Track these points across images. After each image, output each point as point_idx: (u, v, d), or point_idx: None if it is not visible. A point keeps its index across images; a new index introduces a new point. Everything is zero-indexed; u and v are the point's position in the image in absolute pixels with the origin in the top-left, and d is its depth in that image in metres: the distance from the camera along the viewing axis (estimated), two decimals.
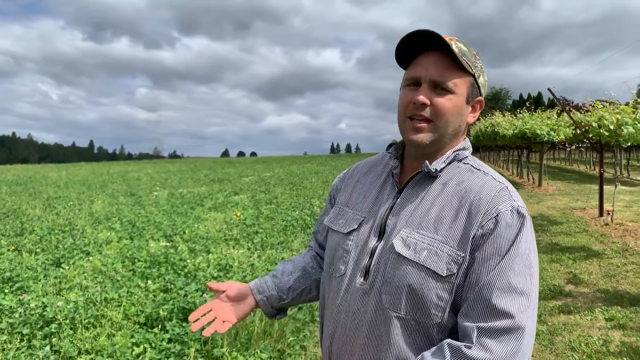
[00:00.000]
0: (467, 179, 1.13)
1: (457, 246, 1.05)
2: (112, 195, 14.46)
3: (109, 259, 5.74)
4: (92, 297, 4.19)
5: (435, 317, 1.05)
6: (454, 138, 1.16)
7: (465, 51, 1.11)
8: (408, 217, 1.12)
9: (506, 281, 1.00)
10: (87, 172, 33.83)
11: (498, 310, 0.98)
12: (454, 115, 1.11)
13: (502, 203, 1.06)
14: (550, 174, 19.55)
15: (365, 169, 1.34)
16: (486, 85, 1.19)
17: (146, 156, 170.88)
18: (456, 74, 1.10)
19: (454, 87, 1.09)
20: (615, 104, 8.89)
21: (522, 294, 1.00)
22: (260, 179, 21.19)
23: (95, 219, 9.28)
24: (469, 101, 1.14)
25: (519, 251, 1.02)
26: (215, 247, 6.38)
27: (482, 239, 1.04)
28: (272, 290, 1.36)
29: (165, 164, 50.43)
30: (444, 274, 1.04)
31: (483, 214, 1.05)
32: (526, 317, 0.99)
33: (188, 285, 4.36)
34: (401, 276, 1.07)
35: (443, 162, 1.14)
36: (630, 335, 3.93)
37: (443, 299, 1.05)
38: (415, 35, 1.09)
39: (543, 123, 15.37)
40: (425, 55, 1.11)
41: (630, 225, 8.31)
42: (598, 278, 5.48)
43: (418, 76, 1.10)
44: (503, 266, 1.01)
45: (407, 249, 1.07)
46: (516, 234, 1.03)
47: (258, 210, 10.00)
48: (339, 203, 1.32)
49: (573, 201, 11.94)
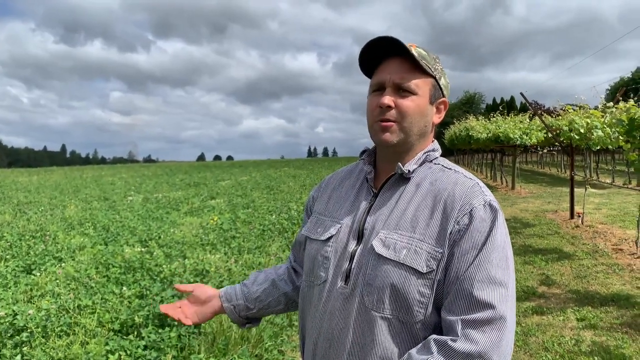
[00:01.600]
0: (440, 178, 1.16)
1: (435, 243, 1.08)
2: (86, 200, 14.19)
3: (83, 265, 5.63)
4: (65, 304, 4.10)
5: (418, 314, 1.07)
6: (421, 138, 1.20)
7: (425, 55, 1.16)
8: (385, 219, 1.14)
9: (485, 273, 1.03)
10: (59, 176, 33.11)
11: (479, 302, 1.01)
12: (418, 115, 1.15)
13: (475, 198, 1.10)
14: (523, 177, 19.94)
15: (340, 178, 1.36)
16: (448, 87, 1.24)
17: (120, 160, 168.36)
18: (417, 76, 1.14)
19: (416, 89, 1.14)
20: (585, 108, 9.13)
21: (501, 285, 1.03)
22: (237, 183, 21.06)
23: (68, 224, 9.09)
24: (433, 102, 1.19)
25: (495, 243, 1.06)
26: (191, 252, 6.31)
27: (458, 234, 1.07)
28: (239, 299, 1.39)
29: (140, 168, 49.74)
30: (424, 271, 1.06)
31: (458, 209, 1.09)
32: (506, 307, 1.02)
33: (164, 291, 4.31)
34: (382, 276, 1.09)
35: (415, 164, 1.18)
36: (600, 335, 4.03)
37: (425, 295, 1.07)
38: (376, 42, 1.14)
39: (516, 127, 15.67)
40: (388, 62, 1.16)
41: (600, 227, 8.53)
42: (570, 279, 5.61)
43: (382, 81, 1.15)
44: (481, 259, 1.04)
45: (386, 249, 1.10)
46: (490, 227, 1.07)
47: (235, 215, 9.93)
48: (316, 212, 1.33)
49: (545, 204, 12.19)
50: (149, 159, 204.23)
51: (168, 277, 4.95)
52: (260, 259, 5.82)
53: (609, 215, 9.88)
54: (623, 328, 4.14)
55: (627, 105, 6.73)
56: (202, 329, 3.66)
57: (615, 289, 5.16)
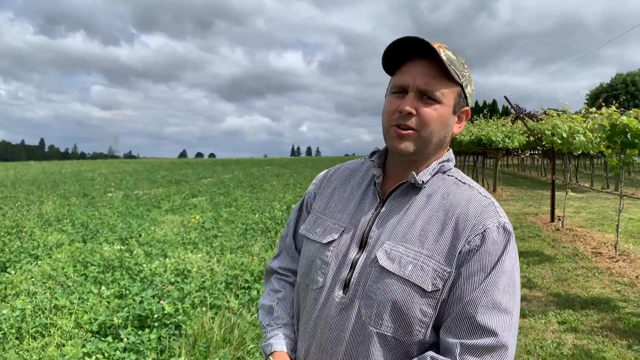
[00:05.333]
0: (453, 192, 1.10)
1: (444, 261, 1.02)
2: (64, 196, 13.92)
3: (60, 263, 5.50)
4: (41, 304, 3.99)
5: (418, 334, 1.03)
6: (438, 149, 1.13)
7: (454, 59, 1.07)
8: (392, 229, 1.08)
9: (491, 299, 0.99)
10: (37, 171, 32.50)
11: (482, 328, 0.97)
12: (440, 126, 1.08)
13: (489, 219, 1.05)
14: (504, 180, 20.14)
15: (344, 175, 1.28)
16: (473, 94, 1.16)
17: (100, 156, 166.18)
18: (444, 83, 1.06)
19: (441, 97, 1.06)
20: (567, 112, 9.24)
21: (505, 312, 0.99)
22: (219, 181, 20.89)
23: (45, 221, 8.89)
24: (456, 111, 1.11)
25: (504, 268, 1.01)
26: (172, 251, 6.21)
27: (468, 255, 1.02)
28: (296, 341, 1.22)
29: (121, 164, 49.12)
30: (429, 290, 1.01)
31: (470, 229, 1.03)
32: (509, 336, 0.98)
33: (144, 291, 4.22)
34: (384, 290, 1.03)
35: (429, 174, 1.11)
36: (581, 338, 4.05)
37: (427, 314, 1.02)
38: (404, 41, 1.05)
39: (498, 130, 15.83)
40: (413, 63, 1.07)
41: (580, 231, 8.64)
42: (551, 282, 5.66)
43: (405, 84, 1.07)
44: (488, 283, 1.00)
45: (391, 263, 1.04)
46: (502, 251, 1.02)
47: (217, 213, 9.83)
48: (316, 210, 1.25)
49: (526, 207, 12.32)
50: (129, 154, 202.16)
51: (148, 276, 4.85)
52: (243, 258, 5.75)
53: (588, 219, 10.03)
54: (603, 331, 4.18)
55: (609, 111, 6.82)
56: (183, 331, 3.59)
57: (595, 293, 5.22)
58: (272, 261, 1.38)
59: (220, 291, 4.41)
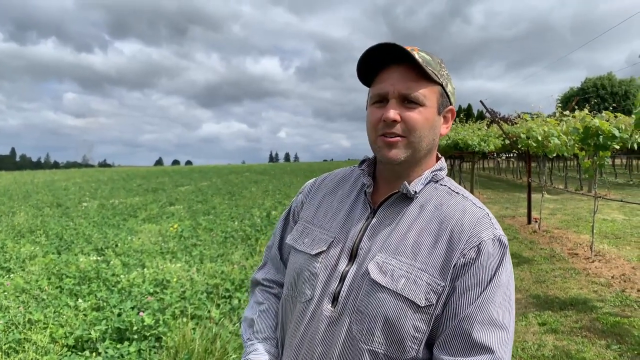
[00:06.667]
0: (447, 202, 1.07)
1: (438, 275, 0.99)
2: (37, 207, 13.58)
3: (33, 276, 5.34)
4: (14, 319, 3.86)
5: (411, 351, 0.99)
6: (428, 154, 1.10)
7: (430, 60, 1.05)
8: (384, 241, 1.04)
9: (487, 314, 0.96)
10: (8, 181, 31.69)
11: (478, 345, 0.95)
12: (427, 129, 1.05)
13: (485, 231, 1.02)
14: (481, 183, 20.41)
15: (332, 184, 1.25)
16: (455, 93, 1.14)
17: (74, 165, 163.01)
18: (424, 85, 1.04)
19: (423, 99, 1.03)
20: (541, 116, 9.42)
21: (502, 328, 0.97)
22: (197, 188, 20.66)
23: (18, 232, 8.66)
24: (440, 112, 1.09)
25: (500, 282, 0.99)
26: (150, 261, 6.09)
27: (463, 269, 0.99)
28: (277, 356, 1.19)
29: (95, 173, 48.25)
30: (423, 304, 0.98)
31: (465, 241, 1.00)
32: (505, 352, 0.96)
33: (123, 303, 4.12)
34: (376, 305, 1.00)
35: (421, 184, 1.08)
36: (562, 339, 4.10)
37: (420, 330, 0.99)
38: (376, 49, 1.03)
39: (474, 134, 16.04)
40: (390, 70, 1.05)
41: (556, 232, 8.78)
42: (530, 284, 5.72)
43: (385, 92, 1.04)
44: (484, 298, 0.97)
45: (383, 276, 1.00)
46: (498, 265, 1.00)
47: (195, 222, 9.70)
48: (303, 220, 1.21)
49: (503, 209, 12.49)
50: (104, 163, 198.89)
51: (126, 287, 4.75)
52: (223, 267, 5.68)
53: (563, 221, 10.21)
54: (582, 332, 4.24)
55: (582, 114, 6.98)
56: (164, 343, 3.51)
57: (573, 293, 5.29)
58: (257, 272, 1.34)
59: (201, 301, 4.34)
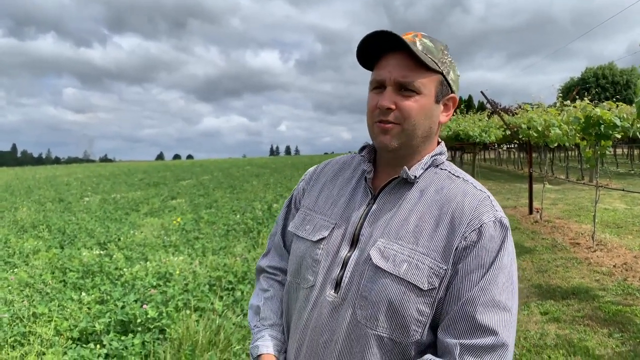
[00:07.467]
0: (447, 186, 1.07)
1: (440, 258, 1.00)
2: (39, 202, 13.61)
3: (37, 270, 5.37)
4: (19, 312, 3.89)
5: (415, 334, 1.00)
6: (426, 140, 1.10)
7: (431, 47, 1.05)
8: (385, 226, 1.05)
9: (490, 296, 0.97)
10: (9, 177, 31.76)
11: (482, 327, 0.95)
12: (422, 117, 1.05)
13: (486, 213, 1.02)
14: (482, 174, 20.39)
15: (333, 171, 1.25)
16: (458, 80, 1.13)
17: (75, 160, 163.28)
18: (422, 73, 1.03)
19: (420, 87, 1.03)
20: (541, 106, 9.39)
21: (505, 310, 0.97)
22: (198, 182, 20.68)
23: (20, 227, 8.69)
24: (439, 100, 1.08)
25: (502, 264, 0.99)
26: (153, 254, 6.11)
27: (465, 251, 0.99)
28: (284, 342, 1.21)
29: (97, 168, 48.31)
30: (426, 288, 0.99)
31: (466, 224, 1.01)
32: (509, 334, 0.96)
33: (126, 296, 4.14)
34: (379, 290, 1.00)
35: (421, 168, 1.08)
36: (564, 328, 4.12)
37: (424, 314, 1.00)
38: (376, 35, 1.03)
39: (475, 125, 16.03)
40: (389, 57, 1.05)
41: (558, 222, 8.79)
42: (532, 273, 5.74)
43: (382, 79, 1.04)
44: (487, 280, 0.97)
45: (385, 261, 1.01)
46: (499, 247, 1.00)
47: (197, 215, 9.72)
48: (305, 207, 1.22)
49: (504, 200, 12.49)
50: (105, 158, 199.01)
51: (129, 280, 4.77)
52: (226, 259, 5.70)
53: (565, 210, 10.21)
54: (585, 320, 4.25)
55: (583, 104, 6.95)
56: (167, 335, 3.53)
57: (575, 283, 5.31)
58: (261, 259, 1.35)
59: (203, 293, 4.36)
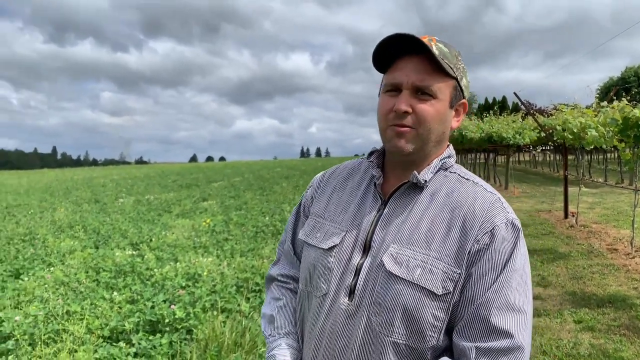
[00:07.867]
0: (457, 189, 1.07)
1: (453, 262, 0.99)
2: (76, 203, 14.04)
3: (72, 269, 5.53)
4: (53, 310, 4.01)
5: (431, 339, 0.99)
6: (438, 145, 1.10)
7: (447, 53, 1.04)
8: (396, 232, 1.04)
9: (504, 299, 0.96)
10: (50, 178, 32.87)
11: (497, 330, 0.94)
12: (438, 122, 1.05)
13: (497, 215, 1.01)
14: (516, 177, 19.95)
15: (341, 177, 1.24)
16: (469, 86, 1.13)
17: (112, 162, 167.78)
18: (438, 78, 1.03)
19: (437, 92, 1.03)
20: (578, 107, 9.12)
21: (519, 312, 0.96)
22: (229, 184, 20.94)
23: (58, 227, 8.97)
24: (453, 105, 1.08)
25: (515, 266, 0.98)
26: (183, 255, 6.21)
27: (478, 255, 0.99)
28: (300, 350, 1.20)
29: (132, 170, 49.51)
30: (440, 293, 0.98)
31: (478, 227, 1.00)
32: (525, 336, 0.95)
33: (155, 296, 4.22)
34: (393, 296, 0.99)
35: (431, 172, 1.08)
36: (598, 338, 3.98)
37: (439, 319, 0.99)
38: (394, 38, 1.02)
39: (509, 126, 15.69)
40: (405, 60, 1.04)
41: (594, 227, 8.51)
42: (565, 280, 5.57)
43: (398, 82, 1.03)
44: (500, 283, 0.97)
45: (399, 267, 1.00)
46: (512, 249, 0.99)
47: (227, 217, 9.84)
48: (314, 214, 1.21)
49: (539, 203, 12.19)
50: (140, 160, 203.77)
51: (159, 281, 4.86)
52: (253, 261, 5.74)
53: (602, 215, 9.88)
54: (621, 330, 4.10)
55: (620, 105, 6.72)
56: (194, 336, 3.58)
57: (611, 290, 5.12)
58: (272, 268, 1.34)
59: (231, 295, 4.40)
